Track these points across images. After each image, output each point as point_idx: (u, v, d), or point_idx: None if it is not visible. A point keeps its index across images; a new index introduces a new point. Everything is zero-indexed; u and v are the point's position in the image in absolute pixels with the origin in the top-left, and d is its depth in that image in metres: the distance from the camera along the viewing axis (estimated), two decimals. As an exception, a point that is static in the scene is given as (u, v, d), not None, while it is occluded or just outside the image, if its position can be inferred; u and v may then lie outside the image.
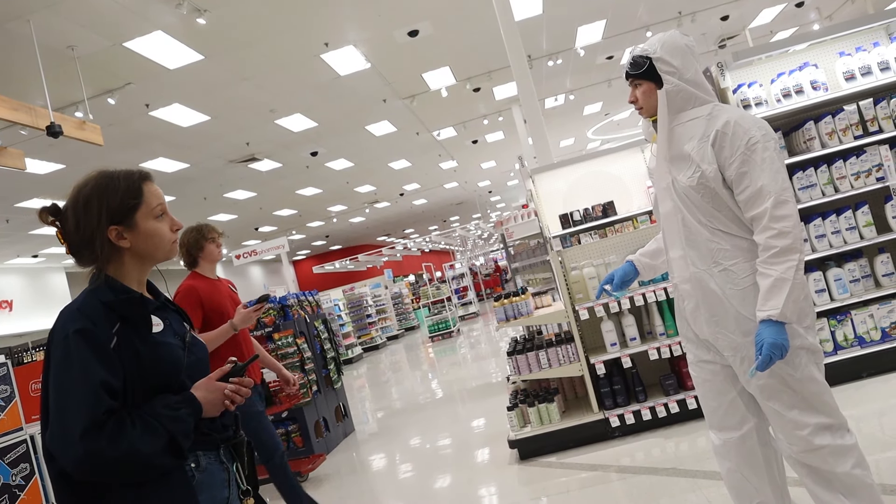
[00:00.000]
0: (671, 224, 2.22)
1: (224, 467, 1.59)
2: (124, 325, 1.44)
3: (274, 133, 11.20)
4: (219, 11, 6.65)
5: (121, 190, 1.52)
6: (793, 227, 1.97)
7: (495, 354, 10.81)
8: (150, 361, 1.45)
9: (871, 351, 4.27)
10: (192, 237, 3.76)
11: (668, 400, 4.31)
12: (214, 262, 3.83)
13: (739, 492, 2.28)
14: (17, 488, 2.89)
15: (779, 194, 1.98)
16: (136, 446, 1.32)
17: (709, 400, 2.30)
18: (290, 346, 5.96)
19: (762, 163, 2.01)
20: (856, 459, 2.03)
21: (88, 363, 1.35)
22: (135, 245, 1.53)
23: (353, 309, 17.29)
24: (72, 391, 1.33)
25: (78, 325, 1.38)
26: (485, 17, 7.83)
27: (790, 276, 1.94)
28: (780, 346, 1.93)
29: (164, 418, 1.39)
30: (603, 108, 15.09)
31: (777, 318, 1.94)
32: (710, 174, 2.07)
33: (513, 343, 4.91)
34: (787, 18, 11.66)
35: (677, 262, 2.24)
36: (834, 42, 4.56)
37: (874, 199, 4.36)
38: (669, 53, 2.14)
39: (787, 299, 1.93)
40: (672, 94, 2.15)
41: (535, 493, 3.85)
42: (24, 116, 5.72)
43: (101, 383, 1.34)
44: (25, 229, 13.22)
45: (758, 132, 2.04)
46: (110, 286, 1.49)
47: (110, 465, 1.31)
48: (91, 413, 1.31)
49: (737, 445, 2.24)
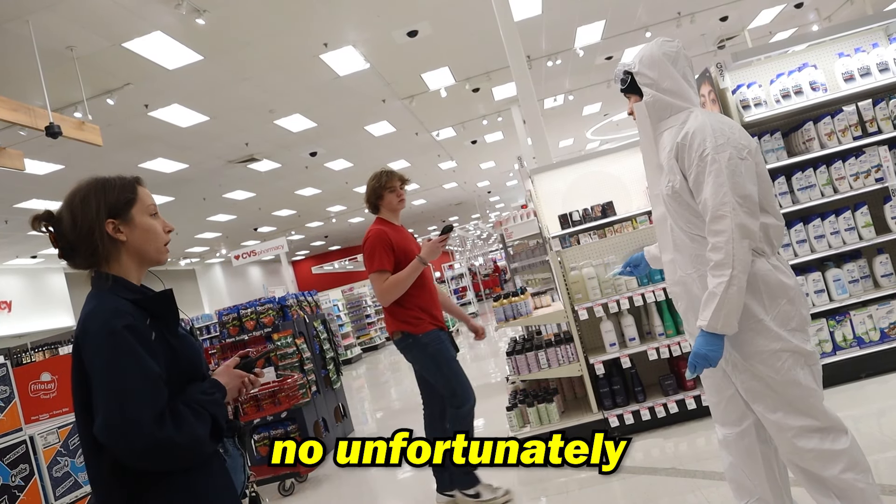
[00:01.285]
0: (662, 229, 2.30)
1: (240, 452, 1.70)
2: (154, 321, 1.51)
3: (273, 133, 11.21)
4: (218, 12, 6.65)
5: (117, 186, 1.58)
6: (725, 244, 1.97)
7: (494, 354, 10.80)
8: (181, 353, 1.53)
9: (870, 351, 4.27)
10: (372, 185, 3.82)
11: (667, 400, 4.31)
12: (396, 212, 3.86)
13: (738, 486, 2.32)
14: (17, 489, 2.89)
15: (716, 209, 1.99)
16: (196, 431, 1.41)
17: (711, 395, 2.37)
18: (289, 347, 5.95)
19: (708, 175, 2.02)
20: (846, 464, 2.01)
21: (142, 357, 1.41)
22: (131, 240, 1.57)
23: (352, 309, 17.28)
24: (133, 383, 1.38)
25: (124, 321, 1.43)
26: (484, 17, 7.83)
27: (719, 291, 1.98)
28: (703, 356, 2.01)
29: (205, 403, 1.48)
30: (602, 108, 15.11)
31: (705, 329, 2.01)
32: (678, 185, 2.13)
33: (512, 343, 4.91)
34: (787, 19, 11.67)
35: (668, 266, 2.31)
36: (833, 43, 4.57)
37: (873, 199, 4.37)
38: (647, 66, 2.23)
39: (716, 312, 1.98)
40: (650, 105, 2.23)
41: (535, 494, 3.85)
42: (23, 117, 5.72)
43: (158, 375, 1.42)
44: (24, 230, 13.20)
45: (711, 143, 2.03)
46: (125, 286, 1.54)
47: (176, 450, 1.38)
48: (157, 403, 1.38)
49: (736, 441, 2.28)
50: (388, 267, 3.59)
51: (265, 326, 6.04)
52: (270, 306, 6.14)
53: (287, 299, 6.44)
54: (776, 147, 4.42)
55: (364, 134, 12.62)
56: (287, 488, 5.14)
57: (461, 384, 3.68)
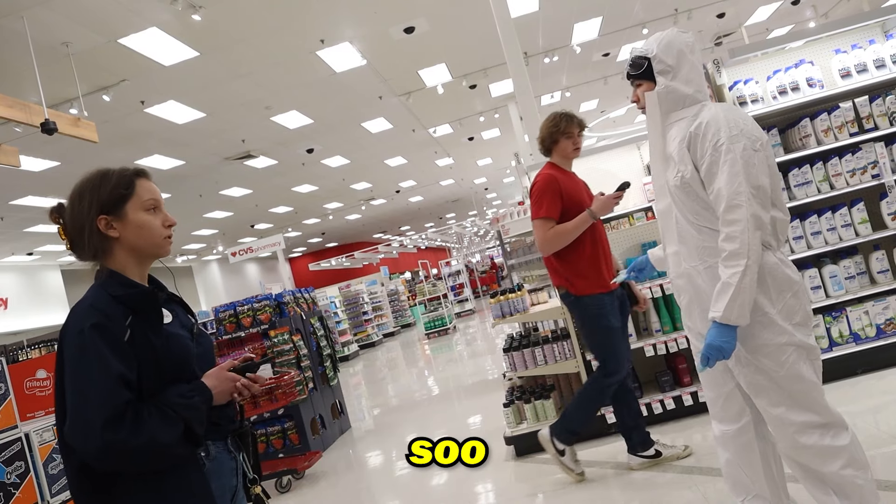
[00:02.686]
0: (667, 221, 2.26)
1: (232, 456, 1.63)
2: (137, 318, 1.48)
3: (269, 130, 11.18)
4: (214, 8, 6.62)
5: (112, 182, 1.55)
6: (740, 233, 1.97)
7: (491, 351, 10.81)
8: (163, 352, 1.48)
9: (866, 347, 4.28)
10: (548, 128, 3.57)
11: (663, 396, 4.32)
12: (569, 159, 3.64)
13: (735, 483, 2.31)
14: (13, 486, 2.88)
15: (731, 198, 1.99)
16: (155, 435, 1.36)
17: (709, 390, 2.34)
18: (286, 344, 5.95)
19: (723, 165, 2.02)
20: (846, 460, 2.01)
21: (105, 357, 1.38)
22: (124, 236, 1.54)
23: (350, 306, 17.28)
24: (91, 384, 1.36)
25: (92, 319, 1.41)
26: (481, 13, 7.81)
27: (734, 281, 1.96)
28: (717, 348, 1.99)
29: (179, 406, 1.43)
30: (599, 105, 15.08)
31: (719, 321, 1.99)
32: (688, 175, 2.11)
33: (509, 340, 4.90)
34: (783, 16, 11.67)
35: (672, 259, 2.28)
36: (830, 39, 4.57)
37: (869, 196, 4.37)
38: (665, 52, 2.17)
39: (731, 303, 1.96)
40: (662, 94, 2.18)
41: (532, 490, 3.86)
42: (18, 113, 5.68)
43: (119, 376, 1.38)
44: (20, 227, 13.17)
45: (726, 133, 2.03)
46: (118, 280, 1.52)
47: (131, 455, 1.34)
48: (111, 404, 1.34)
49: (734, 437, 2.26)
50: (553, 215, 3.40)
51: (262, 323, 6.03)
52: (267, 303, 6.13)
53: (284, 296, 6.44)
54: (773, 143, 4.42)
55: (361, 131, 12.60)
56: (284, 485, 5.14)
57: (614, 356, 3.48)
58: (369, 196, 20.13)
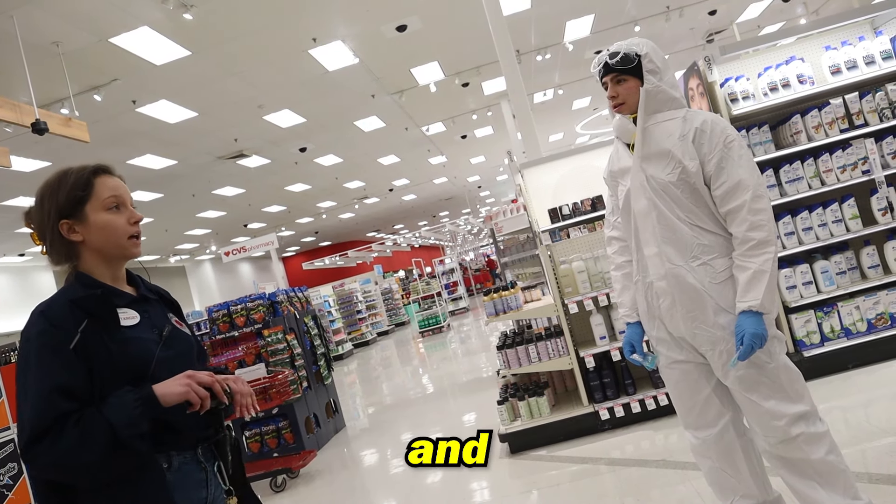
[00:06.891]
0: (646, 222, 2.22)
1: (202, 467, 1.54)
2: (92, 322, 1.40)
3: (262, 129, 11.14)
4: (205, 6, 6.59)
5: (69, 184, 1.49)
6: (768, 221, 2.06)
7: (485, 349, 10.83)
8: (119, 357, 1.41)
9: (857, 342, 4.31)
10: None
11: (657, 392, 4.34)
12: None
13: (722, 487, 2.31)
14: (5, 488, 2.87)
15: (756, 188, 2.08)
16: (72, 448, 1.28)
17: (684, 400, 2.31)
18: (280, 343, 5.94)
19: (739, 159, 2.11)
20: (829, 446, 2.09)
21: (44, 367, 1.33)
22: (88, 238, 1.50)
23: (343, 305, 17.26)
24: (28, 397, 1.33)
25: (37, 327, 1.37)
26: (473, 11, 7.80)
27: (768, 268, 2.02)
28: (760, 336, 2.00)
29: (108, 406, 1.33)
30: (591, 102, 15.11)
31: (757, 309, 2.02)
32: (692, 169, 2.13)
33: (503, 337, 4.92)
34: (775, 13, 11.71)
35: (652, 260, 2.22)
36: (820, 36, 4.59)
37: (860, 191, 4.40)
38: (654, 54, 2.21)
39: (766, 291, 2.01)
40: (652, 93, 2.20)
41: (526, 487, 3.87)
42: (8, 113, 5.65)
43: (55, 388, 1.32)
44: (11, 228, 13.09)
45: (733, 132, 2.16)
46: (81, 282, 1.48)
47: (62, 469, 1.29)
48: (39, 420, 1.29)
49: (715, 441, 2.26)
50: None
51: (256, 323, 6.02)
52: (261, 302, 6.12)
53: (277, 295, 6.43)
54: (764, 140, 4.44)
55: (353, 129, 12.58)
56: (279, 485, 5.14)
57: None
58: (362, 195, 20.10)
